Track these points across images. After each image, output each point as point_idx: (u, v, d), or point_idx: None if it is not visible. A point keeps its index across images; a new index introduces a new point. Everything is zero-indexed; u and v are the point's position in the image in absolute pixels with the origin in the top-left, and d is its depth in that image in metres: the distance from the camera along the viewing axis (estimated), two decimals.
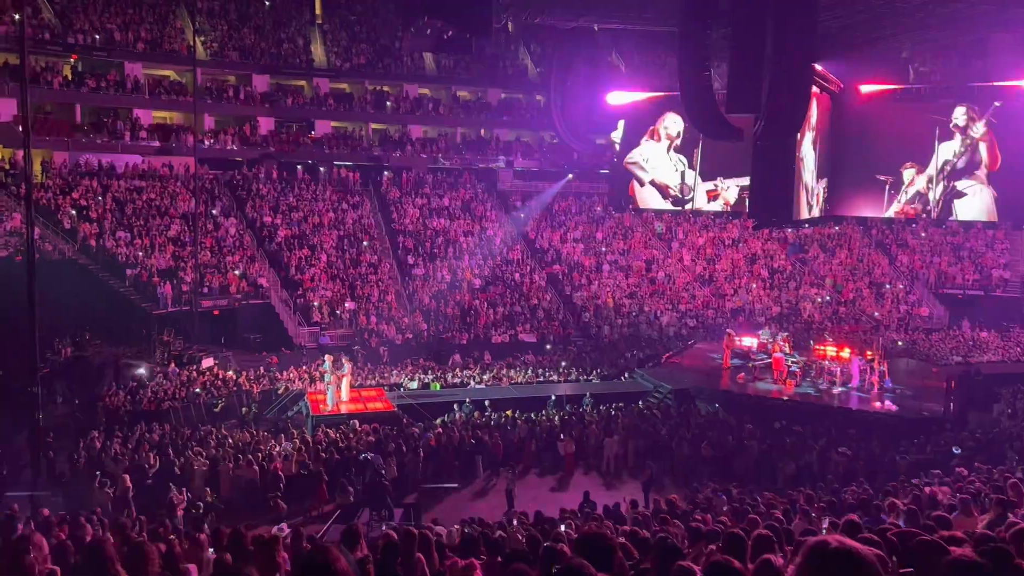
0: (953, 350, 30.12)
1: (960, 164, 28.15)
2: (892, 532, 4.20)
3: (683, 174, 30.32)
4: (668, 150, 30.37)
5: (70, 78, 35.15)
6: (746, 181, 27.26)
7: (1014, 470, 14.60)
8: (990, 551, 2.98)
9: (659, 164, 30.71)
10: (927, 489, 13.06)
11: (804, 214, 27.54)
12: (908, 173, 28.84)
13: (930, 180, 28.73)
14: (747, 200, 27.59)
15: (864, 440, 20.08)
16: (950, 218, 30.38)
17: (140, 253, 29.99)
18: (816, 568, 1.84)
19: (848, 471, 17.97)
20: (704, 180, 30.05)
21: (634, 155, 31.08)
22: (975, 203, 28.51)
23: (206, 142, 36.67)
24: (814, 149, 26.81)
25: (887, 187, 29.18)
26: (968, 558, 2.70)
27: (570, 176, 41.21)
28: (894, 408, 22.41)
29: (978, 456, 17.63)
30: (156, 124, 36.98)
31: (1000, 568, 3.01)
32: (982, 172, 27.95)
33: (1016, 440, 18.96)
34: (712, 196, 30.18)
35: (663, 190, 30.92)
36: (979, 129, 27.51)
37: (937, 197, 28.78)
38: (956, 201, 28.71)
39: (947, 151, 28.19)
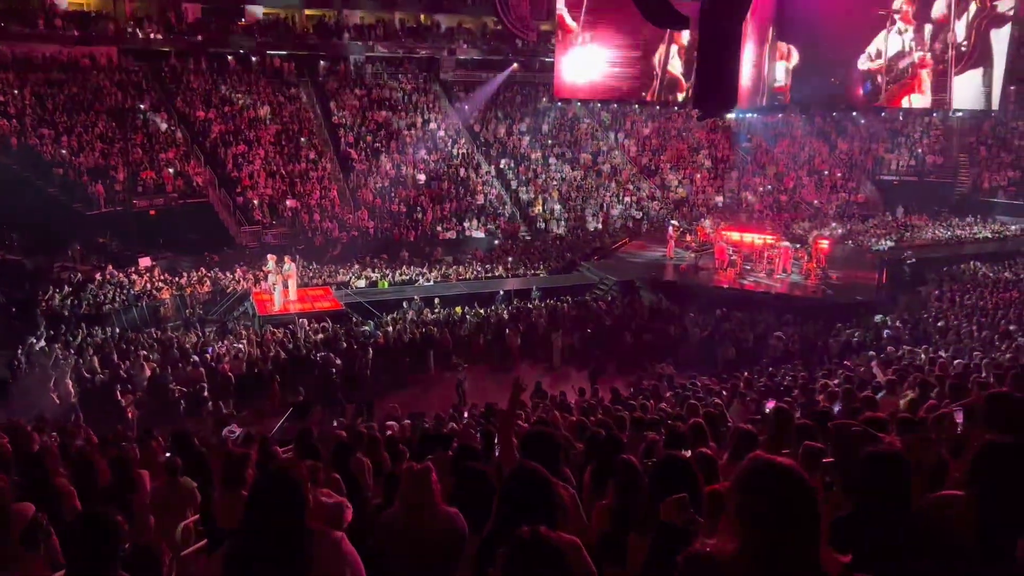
0: (886, 235, 31.12)
1: None
2: (830, 424, 4.44)
3: None
4: None
5: None
6: None
7: (939, 350, 15.45)
8: (911, 440, 3.18)
9: None
10: (860, 369, 13.80)
11: (754, 103, 27.34)
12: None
13: (949, 6, 22.29)
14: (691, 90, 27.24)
15: (800, 324, 20.92)
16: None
17: (65, 151, 28.57)
18: (753, 485, 1.92)
19: (784, 354, 18.80)
20: None
21: None
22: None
23: (129, 31, 34.43)
24: (763, 36, 26.42)
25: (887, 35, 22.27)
26: (885, 450, 2.87)
27: (515, 65, 40.08)
28: (829, 292, 23.27)
29: (905, 337, 18.58)
30: (73, 11, 34.45)
31: (920, 454, 3.24)
32: None
33: (941, 320, 19.95)
34: None
35: None
36: None
37: (969, 25, 21.32)
38: (994, 34, 21.59)
39: None
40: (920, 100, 25.33)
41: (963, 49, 22.12)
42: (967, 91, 24.29)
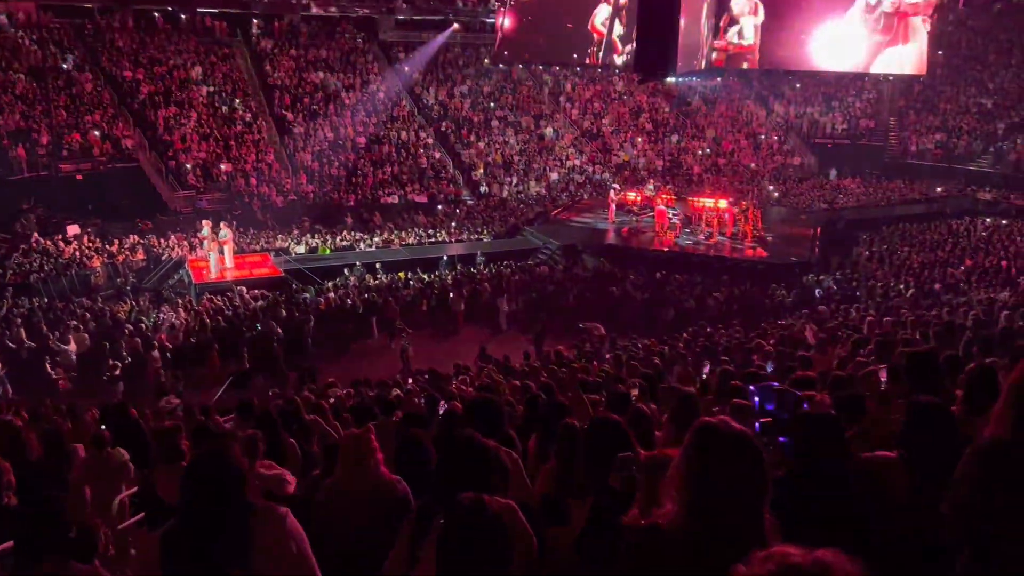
0: (820, 197, 31.91)
1: None
2: (752, 385, 4.57)
3: None
4: None
5: None
6: None
7: (868, 309, 16.02)
8: (844, 399, 3.30)
9: None
10: (794, 328, 14.21)
11: (690, 65, 27.38)
12: None
13: None
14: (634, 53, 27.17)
15: (737, 285, 21.41)
16: None
17: None
18: (704, 449, 1.95)
19: (722, 314, 19.23)
20: None
21: None
22: None
23: None
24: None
25: None
26: (817, 411, 2.97)
27: (456, 26, 39.39)
28: (765, 254, 23.81)
29: (837, 297, 19.20)
30: None
31: (852, 412, 3.37)
32: None
33: (871, 281, 20.67)
34: None
35: None
36: None
37: None
38: None
39: None
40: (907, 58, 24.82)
41: None
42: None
